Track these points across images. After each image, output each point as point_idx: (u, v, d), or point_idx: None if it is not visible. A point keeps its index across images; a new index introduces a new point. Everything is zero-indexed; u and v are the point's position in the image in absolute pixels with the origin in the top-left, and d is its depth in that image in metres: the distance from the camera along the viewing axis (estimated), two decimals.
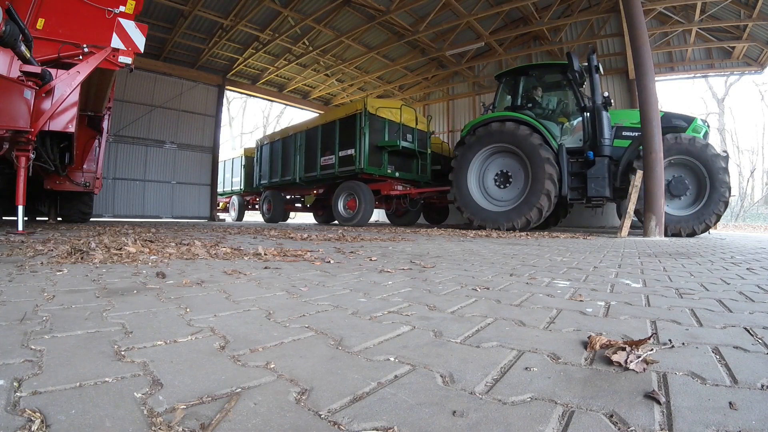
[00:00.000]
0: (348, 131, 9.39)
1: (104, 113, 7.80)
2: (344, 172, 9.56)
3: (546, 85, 8.21)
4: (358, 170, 9.11)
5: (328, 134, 10.08)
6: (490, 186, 7.86)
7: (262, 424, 0.54)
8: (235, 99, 33.23)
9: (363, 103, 9.14)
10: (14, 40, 3.71)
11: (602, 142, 6.87)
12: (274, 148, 12.40)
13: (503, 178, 7.75)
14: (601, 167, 6.85)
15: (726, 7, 10.40)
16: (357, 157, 9.07)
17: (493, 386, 0.68)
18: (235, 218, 15.70)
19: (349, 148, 9.32)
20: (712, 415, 0.58)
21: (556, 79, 7.97)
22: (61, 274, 1.76)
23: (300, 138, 11.15)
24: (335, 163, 9.74)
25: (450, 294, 1.50)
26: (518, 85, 8.08)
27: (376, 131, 9.21)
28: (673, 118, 6.86)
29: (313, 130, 10.68)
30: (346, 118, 9.52)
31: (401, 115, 9.76)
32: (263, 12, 12.08)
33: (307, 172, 10.78)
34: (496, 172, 7.82)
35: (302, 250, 3.03)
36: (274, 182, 12.34)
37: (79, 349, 0.81)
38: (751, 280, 1.93)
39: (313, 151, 10.50)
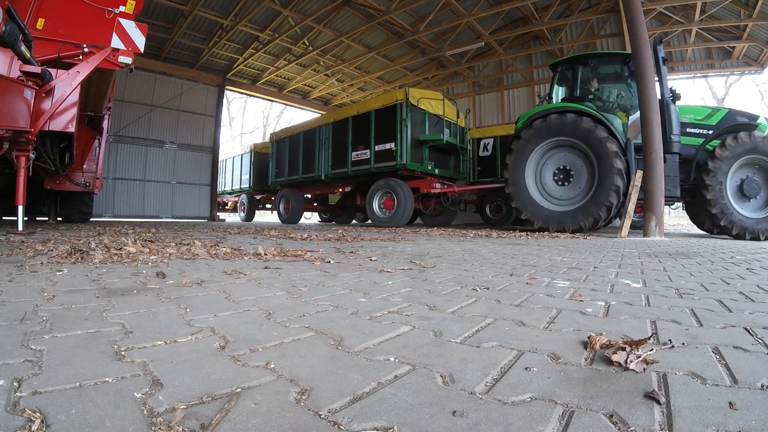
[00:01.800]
0: (386, 123, 8.63)
1: (104, 113, 7.80)
2: (382, 168, 8.75)
3: (604, 76, 7.60)
4: (400, 166, 8.34)
5: (361, 127, 9.26)
6: (548, 183, 7.17)
7: (262, 424, 0.53)
8: (235, 99, 33.28)
9: (405, 92, 8.42)
10: (14, 40, 3.71)
11: (671, 139, 6.35)
12: (294, 142, 11.46)
13: (563, 174, 7.06)
14: (672, 165, 6.36)
15: (726, 7, 10.40)
16: (398, 151, 8.32)
17: (493, 386, 0.68)
18: (244, 218, 14.87)
19: (388, 142, 8.55)
20: (712, 415, 0.58)
21: (615, 70, 7.40)
22: (61, 274, 1.76)
23: (325, 131, 10.29)
24: (370, 158, 8.94)
25: (450, 294, 1.50)
26: (576, 75, 7.44)
27: (416, 124, 8.53)
28: (737, 115, 6.53)
29: (341, 122, 9.83)
30: (384, 109, 8.73)
31: (444, 108, 9.15)
32: (263, 12, 12.09)
33: (335, 168, 9.93)
34: (555, 168, 7.13)
35: (302, 250, 3.03)
36: (294, 179, 11.37)
37: (79, 349, 0.81)
38: (751, 280, 1.93)
39: (343, 145, 9.67)
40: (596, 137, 6.48)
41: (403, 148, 8.28)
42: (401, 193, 8.54)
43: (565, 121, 6.78)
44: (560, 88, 7.87)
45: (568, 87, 7.64)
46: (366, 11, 12.13)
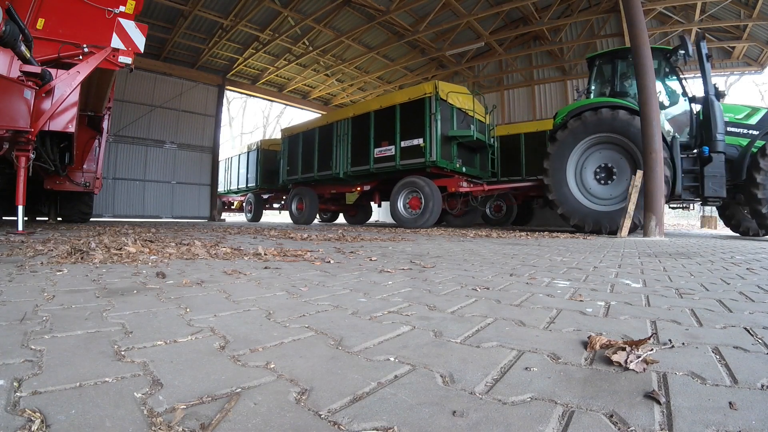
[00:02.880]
0: (413, 118, 8.19)
1: (104, 113, 7.80)
2: (408, 166, 8.30)
3: None
4: (429, 163, 7.90)
5: (385, 122, 8.76)
6: (589, 181, 6.89)
7: (262, 424, 0.53)
8: (235, 99, 33.28)
9: (434, 85, 7.98)
10: (14, 40, 3.71)
11: (716, 137, 6.19)
12: (308, 138, 10.87)
13: (605, 172, 6.79)
14: (718, 164, 6.18)
15: (726, 7, 10.41)
16: (427, 147, 7.85)
17: (493, 386, 0.68)
18: (251, 218, 14.22)
19: (415, 138, 8.11)
20: (712, 415, 0.58)
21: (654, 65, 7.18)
22: (61, 274, 1.76)
23: (344, 126, 9.74)
24: (396, 155, 8.47)
25: (450, 294, 1.50)
26: (615, 70, 7.21)
27: (444, 119, 8.07)
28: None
29: (362, 117, 9.31)
30: (411, 103, 8.28)
31: (474, 104, 8.83)
32: (263, 12, 12.09)
33: (355, 165, 9.39)
34: (597, 165, 6.85)
35: (302, 250, 3.03)
36: (308, 177, 10.79)
37: (79, 349, 0.81)
38: (751, 280, 1.93)
39: (364, 141, 9.16)
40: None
41: (432, 144, 7.83)
42: (429, 192, 8.06)
43: (617, 118, 6.49)
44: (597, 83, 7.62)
45: (607, 82, 7.40)
46: (366, 11, 12.14)
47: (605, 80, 7.50)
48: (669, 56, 6.84)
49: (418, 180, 8.25)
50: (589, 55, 7.83)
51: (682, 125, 6.80)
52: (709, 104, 6.34)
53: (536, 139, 10.61)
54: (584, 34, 12.99)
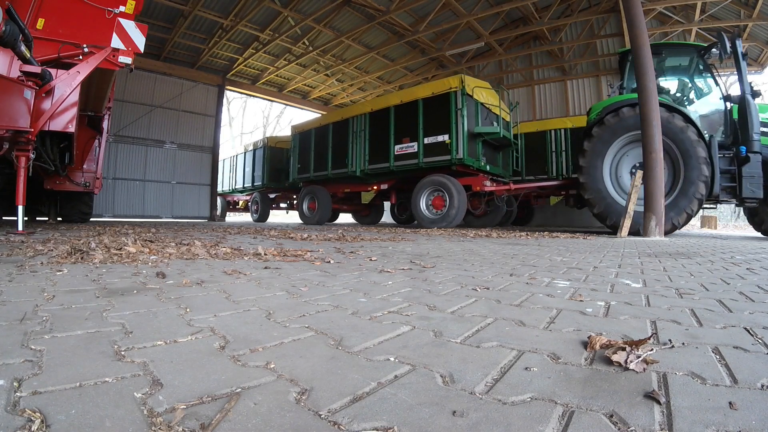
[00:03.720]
0: (437, 113, 7.86)
1: (104, 113, 7.80)
2: (432, 164, 7.98)
3: (675, 68, 7.22)
4: (456, 161, 7.58)
5: (406, 117, 8.40)
6: (625, 180, 6.67)
7: (262, 424, 0.53)
8: (235, 99, 33.29)
9: (460, 79, 7.65)
10: (14, 40, 3.71)
11: (753, 137, 6.04)
12: (320, 135, 10.45)
13: None
14: (755, 165, 6.02)
15: (726, 7, 10.41)
16: (453, 145, 7.53)
17: (493, 386, 0.68)
18: (257, 219, 13.74)
19: (440, 134, 7.78)
20: (712, 415, 0.58)
21: (686, 61, 7.03)
22: (61, 274, 1.76)
23: (361, 122, 9.35)
24: (419, 152, 8.14)
25: (450, 294, 1.50)
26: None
27: (469, 115, 7.76)
28: None
29: (381, 112, 8.93)
30: (434, 98, 7.94)
31: (500, 100, 8.55)
32: (263, 12, 12.09)
33: (374, 163, 9.01)
34: (633, 164, 6.62)
35: (302, 250, 3.03)
36: (320, 176, 10.38)
37: (79, 349, 0.81)
38: (751, 280, 1.93)
39: (383, 137, 8.79)
40: (688, 139, 6.03)
41: (459, 141, 7.51)
42: (454, 192, 7.72)
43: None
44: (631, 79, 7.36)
45: None
46: (366, 11, 12.14)
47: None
48: (703, 54, 6.67)
49: (442, 178, 7.89)
50: (621, 50, 7.56)
51: (715, 124, 6.61)
52: (746, 103, 6.16)
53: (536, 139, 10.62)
54: (584, 34, 12.99)
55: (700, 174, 5.90)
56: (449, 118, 7.65)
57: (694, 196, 5.92)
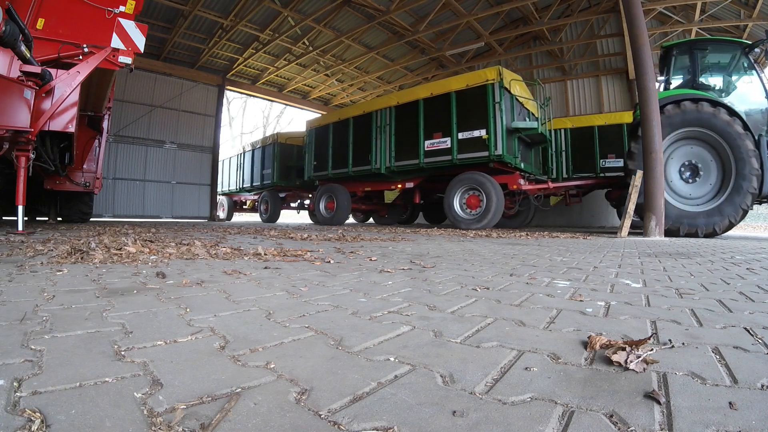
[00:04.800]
0: (472, 107, 7.46)
1: (104, 113, 7.81)
2: (468, 160, 7.57)
3: (715, 65, 7.04)
4: (494, 158, 7.18)
5: (437, 111, 7.98)
6: (674, 180, 6.40)
7: (262, 424, 0.53)
8: (235, 99, 33.27)
9: (497, 71, 7.26)
10: (14, 40, 3.71)
11: None
12: (339, 130, 9.93)
13: (690, 170, 6.33)
14: None
15: (726, 7, 10.41)
16: (492, 140, 7.14)
17: (493, 386, 0.68)
18: (267, 219, 13.16)
19: (476, 129, 7.36)
20: (712, 415, 0.58)
21: (730, 58, 6.84)
22: (61, 274, 1.76)
23: (385, 116, 8.85)
24: (452, 148, 7.70)
25: (450, 294, 1.50)
26: (695, 61, 6.78)
27: (506, 109, 7.38)
28: None
29: (408, 106, 8.47)
30: (469, 91, 7.54)
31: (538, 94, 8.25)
32: (263, 12, 12.09)
33: (401, 160, 8.55)
34: (681, 162, 6.39)
35: (302, 250, 3.03)
36: (339, 173, 9.84)
37: (79, 349, 0.81)
38: (751, 280, 1.93)
39: (411, 132, 8.34)
40: (735, 133, 5.86)
41: (497, 136, 7.12)
42: (492, 190, 7.29)
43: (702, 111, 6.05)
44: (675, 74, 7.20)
45: (686, 73, 7.03)
46: (366, 11, 12.14)
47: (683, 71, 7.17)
48: (747, 51, 6.50)
49: (479, 176, 7.45)
50: (666, 44, 7.29)
51: (759, 123, 6.43)
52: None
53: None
54: (584, 34, 12.99)
55: (751, 168, 5.74)
56: (486, 112, 7.25)
57: (748, 191, 5.76)
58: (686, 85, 6.89)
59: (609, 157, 9.97)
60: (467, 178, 7.65)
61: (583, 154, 10.29)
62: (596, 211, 12.43)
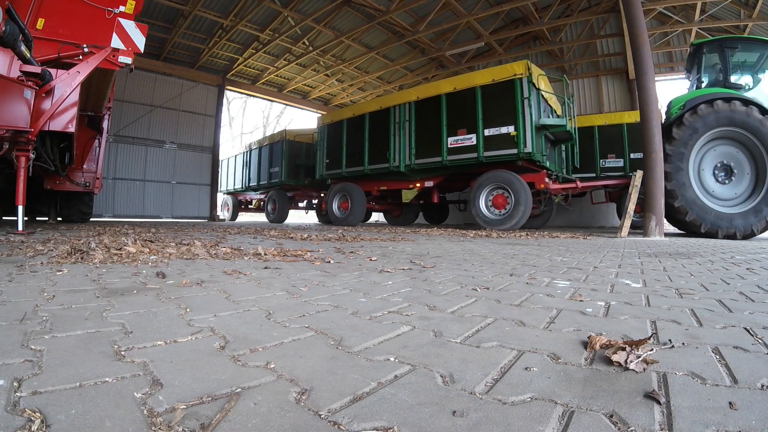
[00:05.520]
0: (499, 102, 7.19)
1: (104, 113, 7.80)
2: (495, 158, 7.26)
3: (742, 64, 6.91)
4: (524, 155, 6.91)
5: (461, 106, 7.68)
6: (707, 180, 6.26)
7: (262, 424, 0.54)
8: (235, 99, 33.24)
9: (526, 66, 6.98)
10: (14, 40, 3.71)
11: None
12: (354, 126, 9.57)
13: (724, 171, 6.21)
14: None
15: (726, 7, 10.41)
16: (520, 137, 6.87)
17: (493, 386, 0.68)
18: (274, 219, 12.71)
19: (504, 126, 7.08)
20: (712, 415, 0.58)
21: (753, 58, 6.76)
22: (61, 274, 1.76)
23: (404, 112, 8.53)
24: (478, 145, 7.37)
25: (450, 294, 1.50)
26: (726, 59, 6.66)
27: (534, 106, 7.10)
28: None
29: (430, 101, 8.16)
30: (496, 85, 7.27)
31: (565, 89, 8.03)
32: (263, 12, 12.09)
33: (422, 157, 8.21)
34: (715, 163, 6.27)
35: (302, 250, 3.03)
36: (354, 172, 9.49)
37: (79, 349, 0.81)
38: (751, 280, 1.93)
39: (433, 129, 8.02)
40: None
41: (526, 133, 6.84)
42: (521, 190, 7.00)
43: (736, 110, 5.93)
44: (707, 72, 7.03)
45: (717, 71, 6.87)
46: (366, 11, 12.14)
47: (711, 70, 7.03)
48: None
49: (507, 175, 7.16)
50: (695, 42, 7.14)
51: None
52: None
53: None
54: (584, 34, 12.99)
55: None
56: (515, 108, 6.97)
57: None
58: (717, 84, 6.74)
59: (609, 158, 9.96)
60: (494, 176, 7.34)
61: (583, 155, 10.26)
62: (596, 211, 12.43)
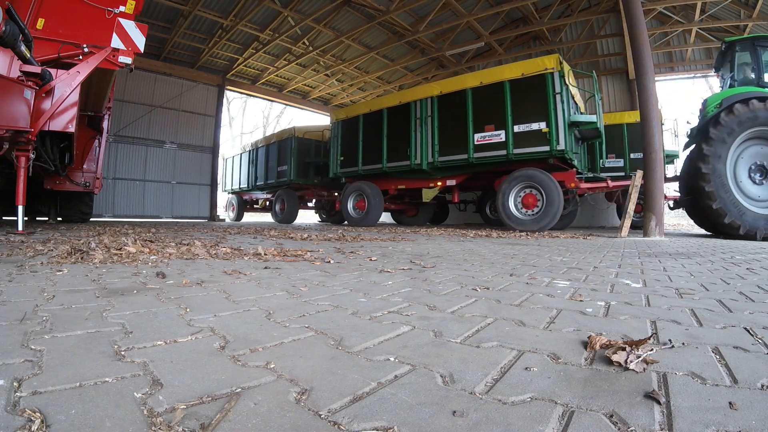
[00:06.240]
0: (529, 97, 6.96)
1: (104, 113, 7.80)
2: (525, 156, 6.97)
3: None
4: (556, 153, 6.63)
5: (488, 101, 7.41)
6: (744, 182, 6.14)
7: (262, 424, 0.53)
8: (235, 99, 33.22)
9: (557, 60, 6.72)
10: (14, 40, 3.71)
11: None
12: (371, 122, 9.20)
13: (759, 171, 6.10)
14: None
15: (726, 7, 10.41)
16: (553, 134, 6.62)
17: (493, 386, 0.68)
18: (282, 219, 12.23)
19: (535, 122, 6.83)
20: (712, 415, 0.58)
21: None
22: (61, 274, 1.76)
23: (425, 107, 8.22)
24: (507, 142, 7.09)
25: (450, 294, 1.50)
26: (759, 59, 6.48)
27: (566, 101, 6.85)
28: None
29: (454, 96, 7.84)
30: (526, 80, 7.01)
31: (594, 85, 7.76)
32: (263, 12, 12.09)
33: (446, 154, 7.91)
34: (750, 164, 6.15)
35: (302, 250, 3.03)
36: (371, 170, 9.11)
37: (79, 349, 0.81)
38: (751, 280, 1.93)
39: (457, 125, 7.73)
40: None
41: (559, 130, 6.59)
42: (553, 189, 6.71)
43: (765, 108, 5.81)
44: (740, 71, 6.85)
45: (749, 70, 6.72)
46: (366, 11, 12.13)
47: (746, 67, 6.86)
48: None
49: (539, 173, 6.87)
50: (728, 39, 6.97)
51: None
52: None
53: None
54: (584, 34, 12.99)
55: None
56: (546, 104, 6.71)
57: None
58: (749, 83, 6.61)
59: (609, 157, 9.96)
60: (525, 175, 7.03)
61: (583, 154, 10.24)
62: (596, 211, 12.43)
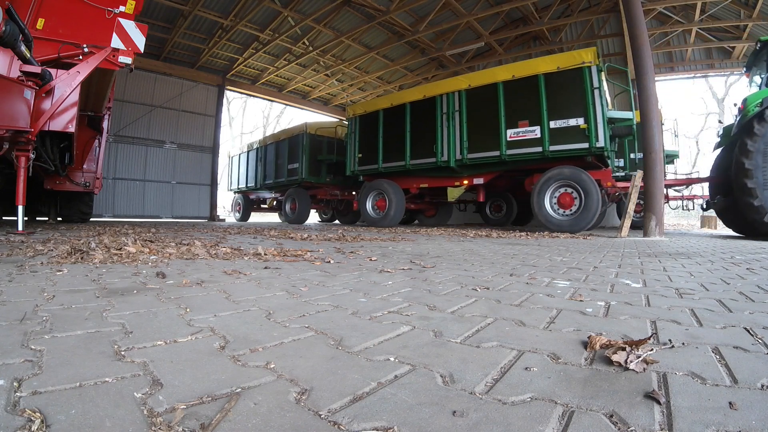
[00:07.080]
0: (565, 92, 6.65)
1: (104, 113, 7.80)
2: (562, 153, 6.65)
3: None
4: (595, 150, 6.34)
5: (521, 95, 7.13)
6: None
7: (262, 424, 0.53)
8: (235, 99, 33.23)
9: (594, 53, 6.45)
10: (14, 40, 3.71)
11: None
12: (392, 117, 8.81)
13: None
14: None
15: (726, 7, 10.42)
16: (591, 130, 6.32)
17: (493, 386, 0.68)
18: (293, 218, 11.67)
19: (572, 118, 6.53)
20: (712, 415, 0.58)
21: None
22: (61, 274, 1.76)
23: (452, 101, 7.85)
24: (543, 139, 6.77)
25: (450, 294, 1.50)
26: None
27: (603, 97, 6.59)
28: None
29: (484, 90, 7.51)
30: (561, 74, 6.70)
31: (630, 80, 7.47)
32: (263, 12, 12.09)
33: (476, 151, 7.57)
34: None
35: (302, 250, 3.03)
36: (392, 167, 8.74)
37: (79, 349, 0.81)
38: (751, 280, 1.93)
39: (488, 119, 7.41)
40: None
41: (598, 126, 6.30)
42: (592, 188, 6.37)
43: None
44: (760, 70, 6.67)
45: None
46: (366, 11, 12.13)
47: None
48: None
49: (577, 171, 6.52)
50: (763, 38, 6.74)
51: None
52: None
53: None
54: (584, 34, 13.00)
55: None
56: (584, 98, 6.42)
57: None
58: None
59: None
60: (562, 173, 6.67)
61: None
62: None
